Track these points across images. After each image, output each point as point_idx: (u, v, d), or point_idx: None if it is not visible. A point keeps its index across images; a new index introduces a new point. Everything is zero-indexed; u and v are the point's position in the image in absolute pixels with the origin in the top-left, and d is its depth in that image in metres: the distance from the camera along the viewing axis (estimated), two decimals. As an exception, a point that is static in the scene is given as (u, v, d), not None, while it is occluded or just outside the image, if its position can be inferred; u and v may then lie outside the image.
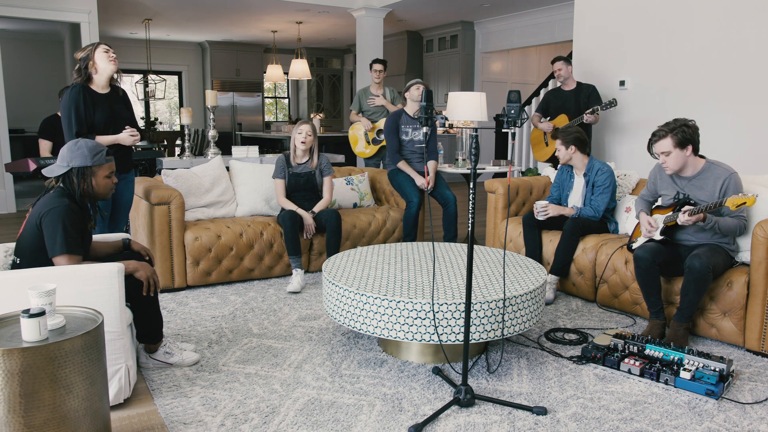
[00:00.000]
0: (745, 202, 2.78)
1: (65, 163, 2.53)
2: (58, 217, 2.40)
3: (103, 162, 2.59)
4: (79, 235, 2.47)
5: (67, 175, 2.53)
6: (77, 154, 2.53)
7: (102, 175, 2.59)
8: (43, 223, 2.42)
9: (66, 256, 2.40)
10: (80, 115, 3.47)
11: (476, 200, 6.03)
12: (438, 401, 2.48)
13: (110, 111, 3.58)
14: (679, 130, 3.04)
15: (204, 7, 9.04)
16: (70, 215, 2.42)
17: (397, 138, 4.85)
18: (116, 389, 2.39)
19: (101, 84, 3.57)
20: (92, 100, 3.51)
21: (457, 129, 8.95)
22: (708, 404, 2.48)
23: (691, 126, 3.06)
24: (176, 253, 3.95)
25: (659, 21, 5.11)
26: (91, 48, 3.53)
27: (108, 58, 3.52)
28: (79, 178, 2.52)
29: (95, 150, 2.56)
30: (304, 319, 3.46)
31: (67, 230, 2.40)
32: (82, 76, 3.52)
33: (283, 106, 15.27)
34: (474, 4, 8.72)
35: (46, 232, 2.41)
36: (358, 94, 6.11)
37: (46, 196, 2.50)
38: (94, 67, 3.51)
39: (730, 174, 3.05)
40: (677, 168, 3.12)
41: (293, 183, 4.31)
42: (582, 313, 3.60)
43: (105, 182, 2.62)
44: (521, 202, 4.57)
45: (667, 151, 3.08)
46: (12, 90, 8.78)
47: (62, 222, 2.40)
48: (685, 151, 3.07)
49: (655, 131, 3.14)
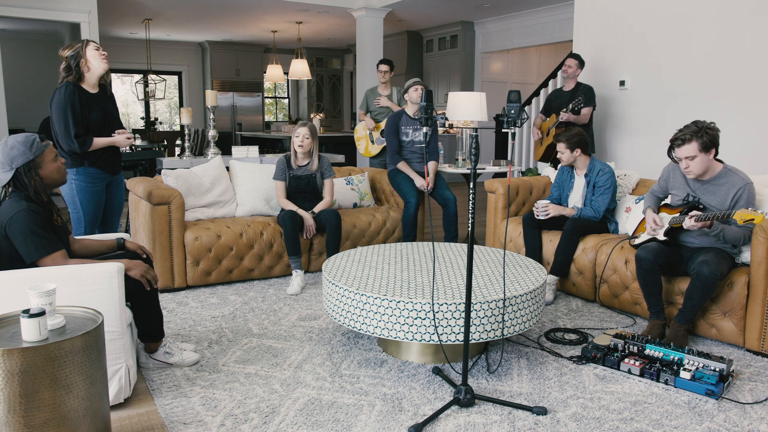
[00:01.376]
0: (753, 219, 2.72)
1: (8, 167, 2.37)
2: (22, 223, 2.32)
3: (43, 149, 2.44)
4: (50, 231, 2.40)
5: (16, 178, 2.39)
6: (15, 153, 2.37)
7: (48, 161, 2.46)
8: (9, 233, 2.34)
9: (47, 258, 2.36)
10: (77, 116, 3.38)
11: (476, 200, 6.03)
12: (438, 401, 2.48)
13: (103, 111, 3.51)
14: (704, 133, 2.94)
15: (204, 7, 9.04)
16: (33, 217, 2.34)
17: (397, 139, 4.85)
18: (116, 389, 2.39)
19: (92, 83, 3.49)
20: (86, 100, 3.43)
21: (457, 129, 8.95)
22: (708, 404, 2.48)
23: (713, 128, 2.98)
24: (176, 253, 3.95)
25: (659, 21, 5.11)
26: (79, 46, 3.43)
27: (100, 56, 3.44)
28: (27, 175, 2.38)
29: (28, 141, 2.40)
30: (304, 319, 3.46)
31: (36, 233, 2.33)
32: (74, 75, 3.42)
33: (283, 106, 15.27)
34: (474, 4, 8.72)
35: (16, 241, 2.34)
36: (366, 93, 6.12)
37: (4, 205, 2.38)
38: (86, 66, 3.42)
39: (746, 184, 2.98)
40: (700, 172, 3.03)
41: (294, 185, 4.30)
42: (582, 313, 3.60)
43: (54, 166, 2.48)
44: (521, 202, 4.57)
45: (692, 155, 2.98)
46: (12, 90, 8.78)
47: (28, 227, 2.32)
48: (710, 155, 2.99)
49: (676, 135, 3.02)
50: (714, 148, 2.99)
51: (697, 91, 4.90)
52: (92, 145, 3.46)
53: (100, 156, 3.53)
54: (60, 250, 2.40)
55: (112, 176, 3.67)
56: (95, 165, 3.52)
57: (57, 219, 2.53)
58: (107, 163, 3.58)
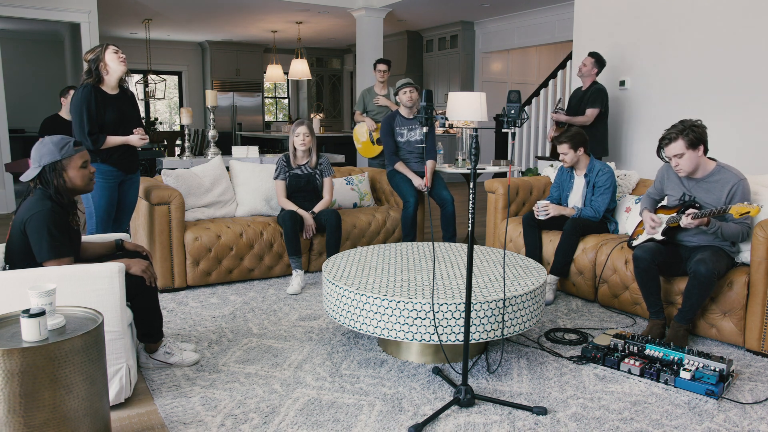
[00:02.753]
0: (748, 211, 2.75)
1: (36, 164, 2.45)
2: (41, 221, 2.35)
3: (73, 153, 2.49)
4: (65, 236, 2.42)
5: (42, 176, 2.45)
6: (45, 152, 2.45)
7: (75, 166, 2.50)
8: (27, 229, 2.37)
9: (54, 261, 2.37)
10: (92, 115, 3.49)
11: (476, 200, 6.03)
12: (438, 401, 2.48)
13: (119, 112, 3.61)
14: (690, 130, 3.00)
15: (204, 7, 9.04)
16: (53, 218, 2.37)
17: (392, 140, 4.85)
18: (117, 389, 2.39)
19: (111, 85, 3.60)
20: (103, 100, 3.54)
21: (457, 129, 8.95)
22: (708, 404, 2.48)
23: (699, 126, 3.03)
24: (176, 253, 3.95)
25: (659, 21, 5.11)
26: (100, 49, 3.55)
27: (118, 59, 3.56)
28: (51, 174, 2.45)
29: (61, 143, 2.47)
30: (304, 319, 3.46)
31: (52, 234, 2.36)
32: (93, 78, 3.53)
33: (283, 106, 15.27)
34: (474, 4, 8.72)
35: (31, 238, 2.37)
36: (362, 94, 6.12)
37: (28, 201, 2.44)
38: (105, 69, 3.54)
39: (740, 180, 3.01)
40: (690, 169, 3.07)
41: (294, 184, 4.30)
42: (582, 313, 3.60)
43: (80, 173, 2.53)
44: (521, 202, 4.57)
45: (680, 153, 3.03)
46: (12, 90, 8.77)
47: (46, 226, 2.35)
48: (698, 152, 3.03)
49: (664, 135, 3.08)
50: (701, 145, 3.03)
51: (698, 90, 4.90)
52: (105, 143, 3.56)
53: (113, 154, 3.62)
54: (69, 257, 2.42)
55: (126, 175, 3.73)
56: (108, 162, 3.61)
57: (73, 221, 2.54)
58: (120, 161, 3.66)
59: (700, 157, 3.06)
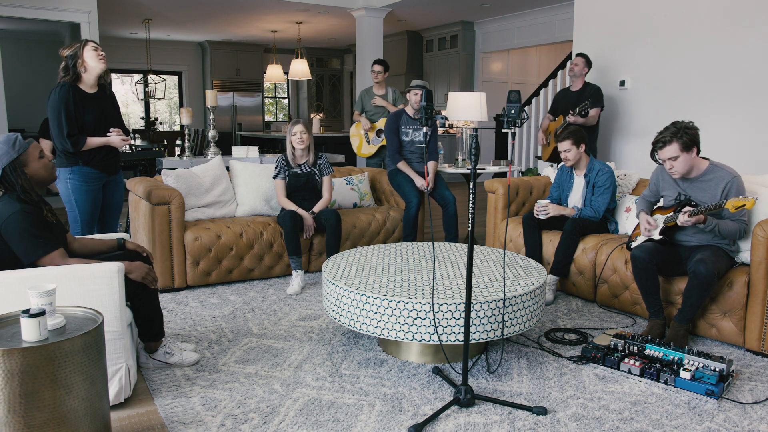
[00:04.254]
0: (744, 204, 2.77)
1: None
2: (16, 225, 2.32)
3: (27, 146, 2.42)
4: (46, 231, 2.39)
5: (4, 179, 2.38)
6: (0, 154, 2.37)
7: (34, 158, 2.44)
8: (5, 236, 2.34)
9: (46, 257, 2.36)
10: (70, 116, 3.38)
11: (476, 200, 6.03)
12: (438, 401, 2.48)
13: (100, 111, 3.50)
14: (683, 133, 3.00)
15: (204, 7, 9.04)
16: (27, 218, 2.34)
17: (397, 138, 4.85)
18: (116, 389, 2.39)
19: (90, 83, 3.49)
20: (82, 100, 3.43)
21: (457, 129, 8.96)
22: (708, 404, 2.48)
23: (692, 127, 3.04)
24: (176, 253, 3.95)
25: (659, 21, 5.11)
26: (78, 46, 3.43)
27: (97, 56, 3.44)
28: (13, 174, 2.37)
29: (11, 140, 2.39)
30: (304, 319, 3.46)
31: (32, 233, 2.33)
32: (71, 75, 3.42)
33: (283, 106, 15.27)
34: (474, 4, 8.72)
35: (12, 244, 2.34)
36: (361, 94, 6.12)
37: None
38: (83, 66, 3.42)
39: (733, 177, 3.02)
40: (685, 171, 3.08)
41: (293, 183, 4.30)
42: (582, 313, 3.60)
43: (41, 164, 2.46)
44: (521, 202, 4.57)
45: (674, 156, 3.03)
46: (12, 90, 8.77)
47: (24, 228, 2.32)
48: (692, 154, 3.03)
49: (657, 138, 3.07)
50: (695, 147, 3.04)
51: (698, 90, 4.90)
52: (86, 145, 3.46)
53: (95, 155, 3.54)
54: (58, 249, 2.39)
55: (109, 176, 3.66)
56: (90, 164, 3.53)
57: (48, 215, 2.50)
58: (103, 162, 3.58)
59: (694, 158, 3.07)
